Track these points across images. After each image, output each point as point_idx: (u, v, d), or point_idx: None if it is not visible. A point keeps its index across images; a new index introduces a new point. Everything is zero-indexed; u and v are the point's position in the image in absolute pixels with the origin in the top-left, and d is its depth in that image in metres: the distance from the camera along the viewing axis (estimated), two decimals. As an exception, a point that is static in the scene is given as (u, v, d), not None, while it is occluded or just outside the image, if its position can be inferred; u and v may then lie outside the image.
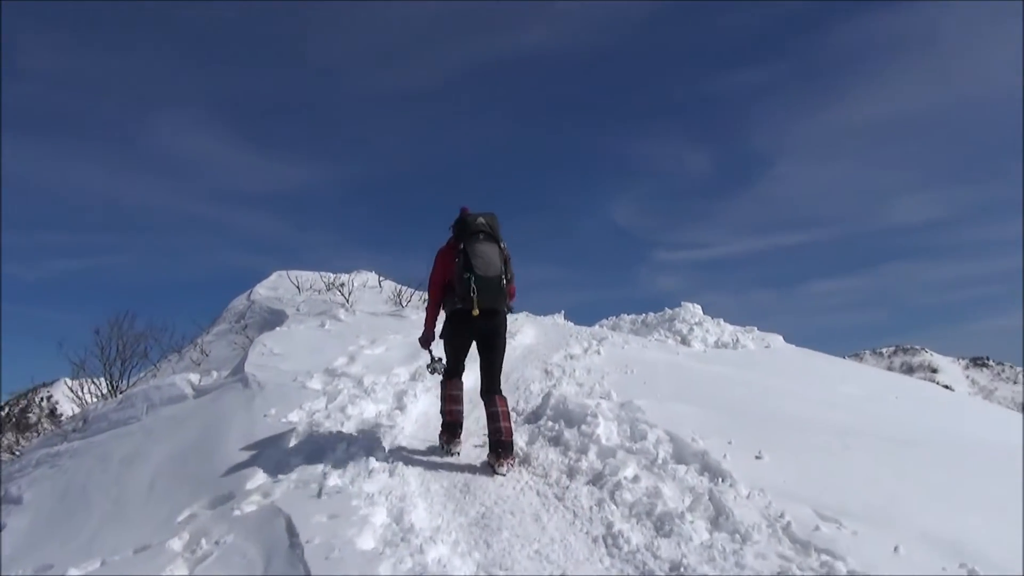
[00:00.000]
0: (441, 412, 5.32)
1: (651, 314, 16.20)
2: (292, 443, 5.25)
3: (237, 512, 4.29)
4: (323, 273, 14.79)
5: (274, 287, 17.02)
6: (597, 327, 16.57)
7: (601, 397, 6.42)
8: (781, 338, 14.10)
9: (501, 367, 5.21)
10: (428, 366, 5.41)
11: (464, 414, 5.34)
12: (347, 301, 11.88)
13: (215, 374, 8.58)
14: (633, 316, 16.71)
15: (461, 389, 5.33)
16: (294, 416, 5.82)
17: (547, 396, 5.73)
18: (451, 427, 5.25)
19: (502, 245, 5.12)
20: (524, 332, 10.06)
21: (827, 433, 5.47)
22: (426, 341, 5.45)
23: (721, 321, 14.42)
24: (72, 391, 12.98)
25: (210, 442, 5.75)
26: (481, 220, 5.11)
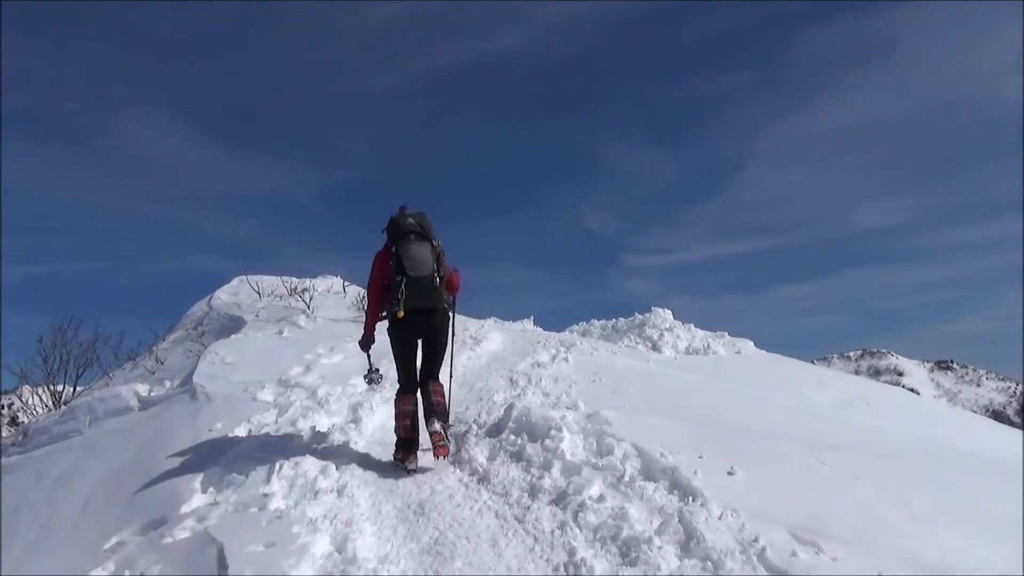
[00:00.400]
0: (395, 429, 5.14)
1: (621, 319, 16.00)
2: (235, 461, 4.88)
3: (168, 539, 3.93)
4: (285, 278, 14.35)
5: (235, 292, 16.51)
6: (567, 333, 16.34)
7: (568, 407, 6.15)
8: (751, 343, 13.97)
9: (441, 361, 5.32)
10: (365, 376, 5.43)
11: (419, 430, 5.14)
12: (308, 307, 11.49)
13: (167, 384, 8.18)
14: (603, 322, 16.50)
15: (415, 404, 5.19)
16: (241, 431, 5.47)
17: (509, 408, 5.43)
18: (406, 443, 5.04)
19: (435, 243, 5.12)
20: (490, 339, 9.78)
21: (801, 445, 5.25)
22: (365, 344, 5.39)
23: (692, 327, 14.26)
24: (21, 400, 12.46)
25: (150, 459, 5.37)
26: (411, 220, 5.12)
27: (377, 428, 5.74)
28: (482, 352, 8.94)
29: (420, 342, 5.27)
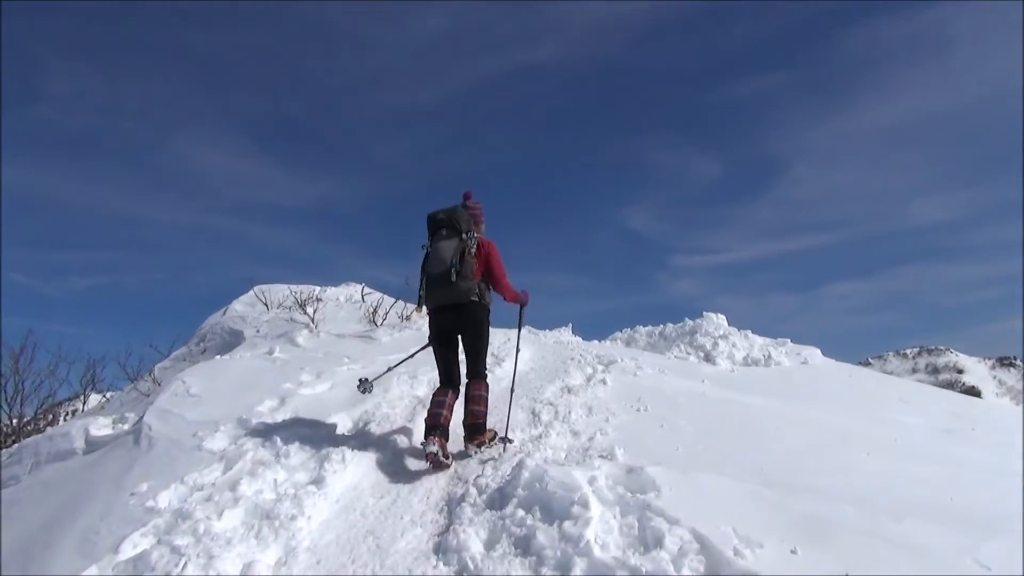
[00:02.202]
0: (425, 421, 4.90)
1: (670, 325, 14.41)
2: (134, 549, 3.55)
3: None
4: (295, 286, 13.09)
5: (252, 303, 15.38)
6: (609, 342, 14.80)
7: (602, 455, 4.70)
8: (818, 351, 12.28)
9: (478, 357, 5.11)
10: (358, 386, 5.67)
11: (447, 418, 4.85)
12: (312, 321, 10.21)
13: (130, 417, 6.93)
14: (650, 328, 14.92)
15: (445, 395, 4.98)
16: (164, 498, 4.13)
17: (519, 467, 3.97)
18: (428, 430, 4.76)
19: (464, 236, 5.00)
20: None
21: (923, 517, 3.73)
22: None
23: (749, 333, 12.61)
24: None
25: (47, 535, 4.06)
26: (441, 216, 5.10)
27: (347, 490, 4.35)
28: (503, 374, 7.51)
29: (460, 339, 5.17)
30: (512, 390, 5.61)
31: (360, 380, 5.68)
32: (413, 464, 4.87)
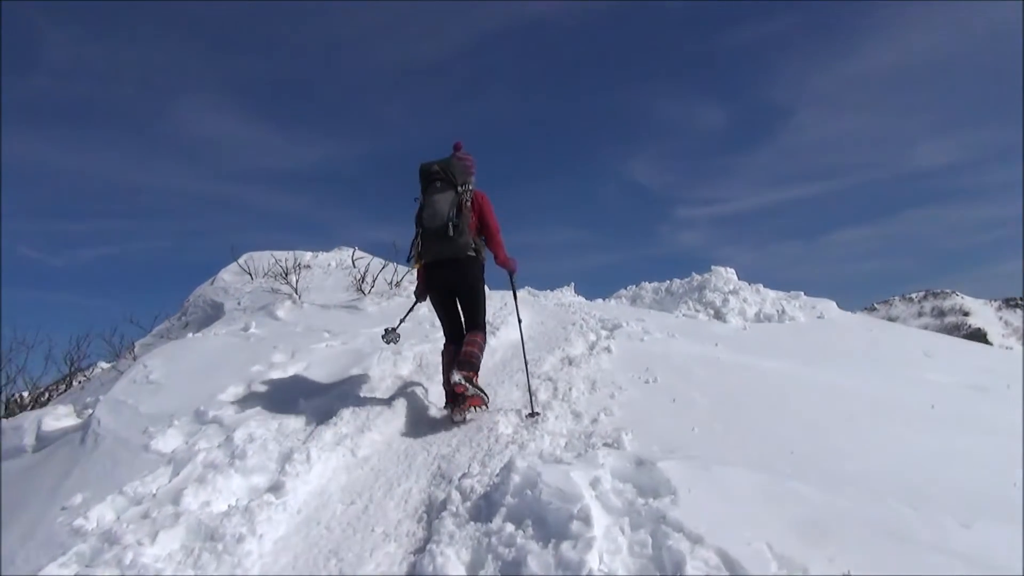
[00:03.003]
0: (443, 385, 5.01)
1: (676, 281, 13.75)
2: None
3: None
4: (277, 253, 12.40)
5: (240, 272, 14.77)
6: (614, 301, 14.16)
7: (606, 443, 4.09)
8: (834, 304, 11.65)
9: (476, 311, 5.06)
10: (383, 336, 5.36)
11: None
12: (295, 291, 9.57)
13: (92, 405, 6.34)
14: (656, 284, 14.26)
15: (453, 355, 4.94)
16: (96, 514, 3.54)
17: (508, 469, 3.36)
18: (450, 395, 4.82)
19: (459, 189, 4.87)
20: (511, 324, 7.72)
21: (994, 517, 3.13)
22: (417, 293, 5.28)
23: (760, 287, 11.96)
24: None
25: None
26: (435, 167, 4.96)
27: (312, 495, 3.75)
28: (499, 344, 6.89)
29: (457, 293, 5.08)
30: (526, 362, 5.28)
31: (385, 330, 5.34)
32: (392, 458, 4.27)
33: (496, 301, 9.02)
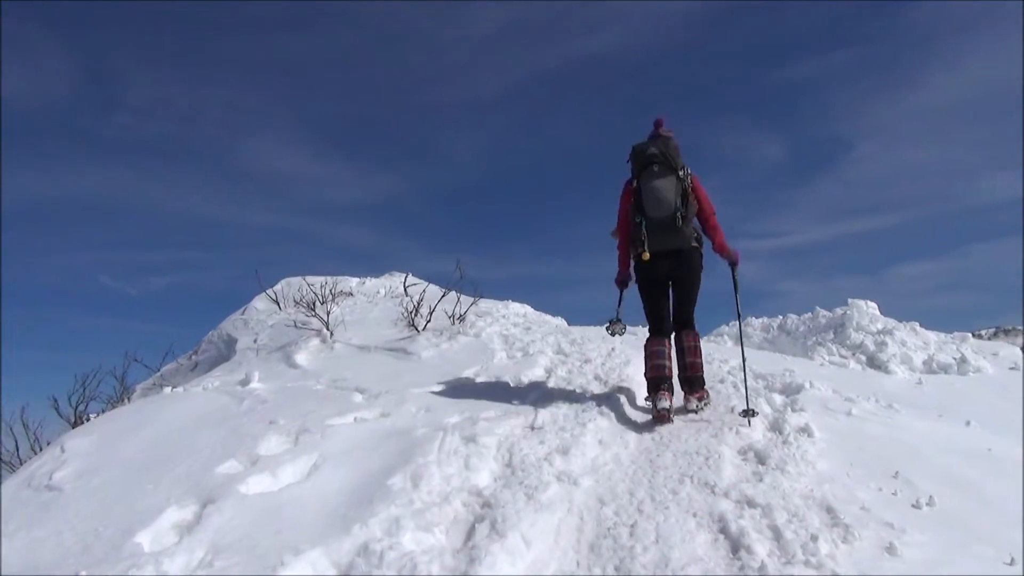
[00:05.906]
0: (644, 372, 4.58)
1: (792, 316, 11.22)
2: None
3: None
4: (310, 278, 10.22)
5: (271, 301, 12.68)
6: (714, 340, 11.64)
7: None
8: (1018, 349, 9.00)
9: (692, 307, 4.72)
10: (607, 327, 4.88)
11: (672, 370, 4.49)
12: (326, 326, 7.34)
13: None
14: (764, 320, 11.74)
15: (663, 345, 4.58)
16: None
17: None
18: (653, 383, 4.42)
19: (680, 174, 4.52)
20: (627, 376, 5.33)
21: None
22: (620, 282, 4.91)
23: (917, 326, 9.37)
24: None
25: None
26: (653, 150, 4.58)
27: None
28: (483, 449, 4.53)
29: (671, 285, 4.73)
30: (743, 359, 4.79)
31: (610, 321, 4.88)
32: None
33: (602, 344, 6.68)
